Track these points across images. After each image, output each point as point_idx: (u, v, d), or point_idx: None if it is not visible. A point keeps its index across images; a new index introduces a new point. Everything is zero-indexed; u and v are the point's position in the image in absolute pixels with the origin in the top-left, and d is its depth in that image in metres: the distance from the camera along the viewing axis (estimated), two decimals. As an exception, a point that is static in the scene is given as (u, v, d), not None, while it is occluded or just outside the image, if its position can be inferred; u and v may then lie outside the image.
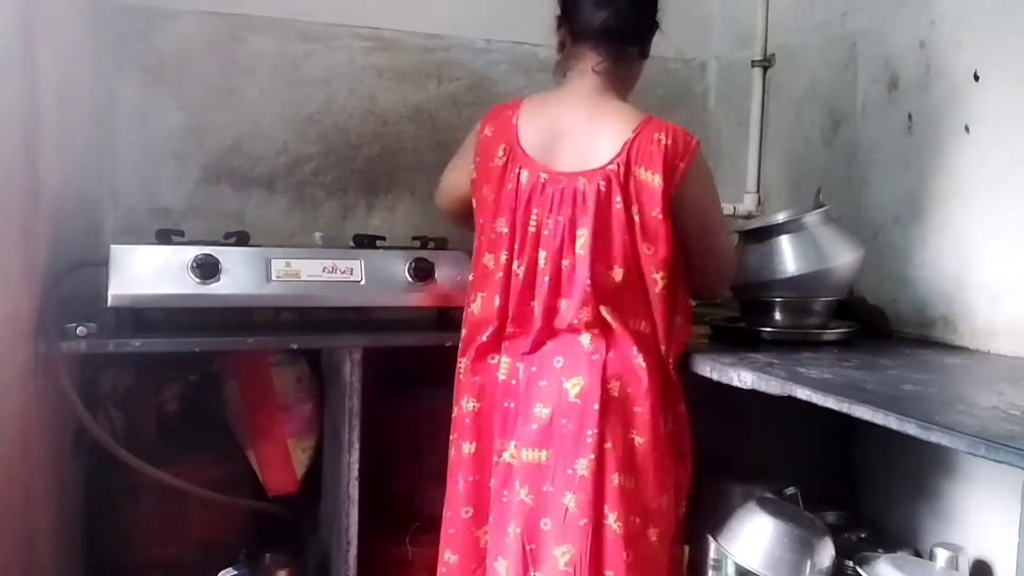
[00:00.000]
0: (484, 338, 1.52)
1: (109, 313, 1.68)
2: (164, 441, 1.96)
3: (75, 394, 1.63)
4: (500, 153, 1.52)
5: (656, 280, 1.46)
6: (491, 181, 1.53)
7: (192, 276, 1.69)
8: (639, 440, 1.43)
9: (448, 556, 1.54)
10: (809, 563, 1.54)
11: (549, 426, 1.43)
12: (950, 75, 1.74)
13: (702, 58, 2.67)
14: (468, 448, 1.52)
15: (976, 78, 1.67)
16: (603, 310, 1.44)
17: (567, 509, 1.39)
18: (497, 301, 1.51)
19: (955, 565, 1.52)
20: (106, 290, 1.64)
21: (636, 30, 1.52)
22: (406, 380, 1.97)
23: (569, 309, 1.45)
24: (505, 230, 1.50)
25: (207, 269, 1.70)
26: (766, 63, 2.27)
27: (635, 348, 1.44)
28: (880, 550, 1.65)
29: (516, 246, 1.49)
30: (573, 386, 1.43)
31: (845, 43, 2.04)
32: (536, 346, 1.48)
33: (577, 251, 1.45)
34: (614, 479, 1.40)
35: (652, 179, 1.44)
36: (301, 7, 2.29)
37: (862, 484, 1.97)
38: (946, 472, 1.71)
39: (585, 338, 1.45)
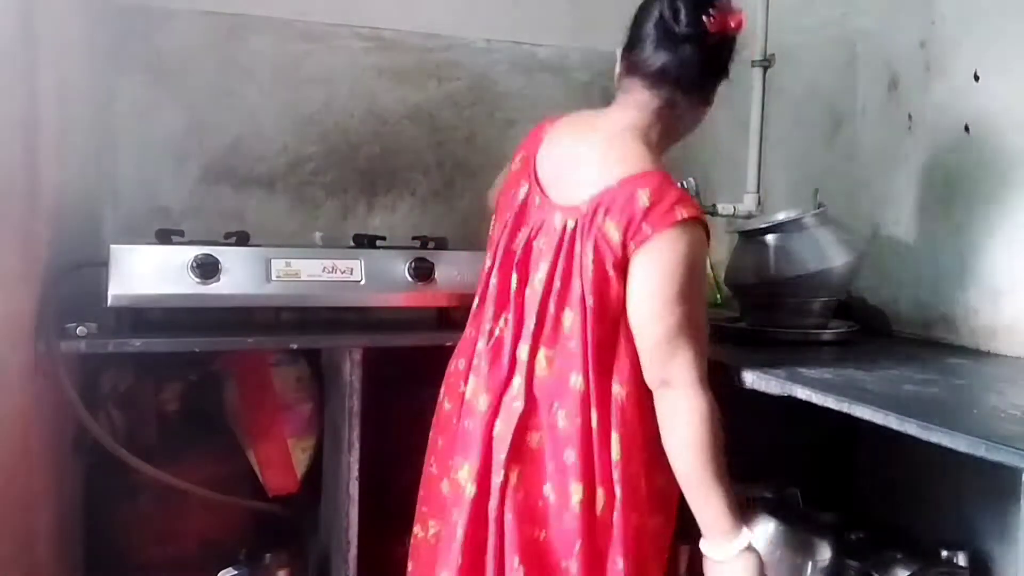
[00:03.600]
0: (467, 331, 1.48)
1: (109, 313, 1.68)
2: (164, 441, 1.96)
3: (75, 394, 1.63)
4: (518, 162, 1.47)
5: (593, 331, 1.31)
6: (507, 187, 1.48)
7: (192, 276, 1.69)
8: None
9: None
10: (810, 563, 1.54)
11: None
12: (950, 75, 1.74)
13: (702, 58, 2.67)
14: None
15: (976, 78, 1.67)
16: (540, 353, 1.34)
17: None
18: (475, 304, 1.48)
19: (955, 565, 1.52)
20: (106, 290, 1.64)
21: (696, 79, 1.38)
22: (406, 380, 1.97)
23: (516, 343, 1.36)
24: (498, 236, 1.45)
25: (207, 269, 1.70)
26: (766, 63, 2.26)
27: (556, 403, 1.32)
28: (880, 550, 1.65)
29: (498, 257, 1.42)
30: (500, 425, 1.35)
31: (845, 43, 2.04)
32: (490, 368, 1.39)
33: (534, 285, 1.36)
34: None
35: (614, 234, 1.29)
36: (301, 7, 2.29)
37: (862, 484, 1.97)
38: (946, 472, 1.71)
39: (516, 381, 1.35)
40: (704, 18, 1.31)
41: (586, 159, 1.38)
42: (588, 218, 1.32)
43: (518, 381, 1.35)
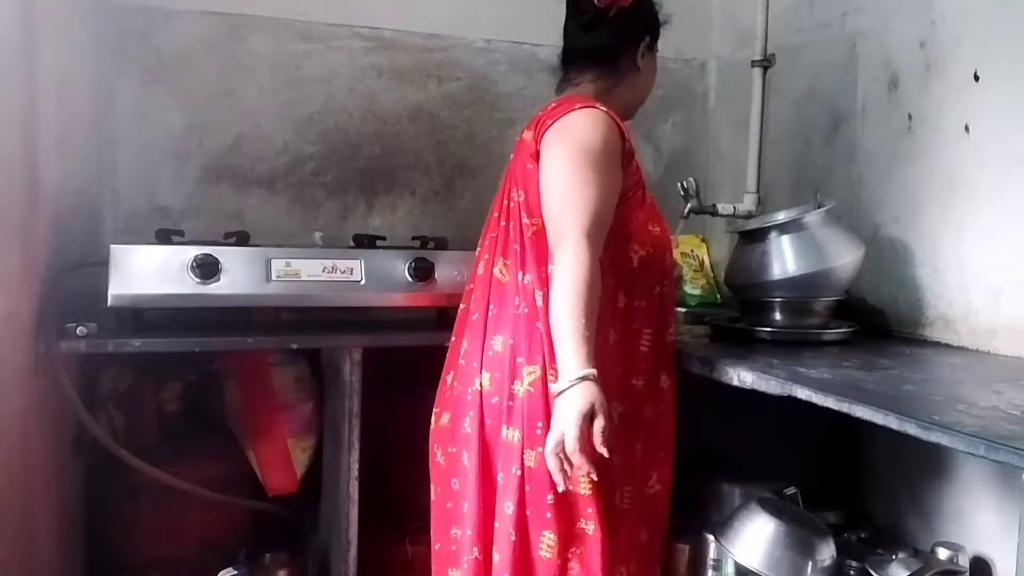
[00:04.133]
0: None
1: (109, 313, 1.68)
2: (164, 441, 1.96)
3: (75, 394, 1.63)
4: None
5: (527, 225, 1.45)
6: None
7: (192, 276, 1.69)
8: (520, 389, 1.40)
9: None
10: (811, 563, 1.54)
11: (448, 389, 1.53)
12: (950, 75, 1.74)
13: (702, 58, 2.67)
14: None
15: (976, 78, 1.67)
16: (496, 266, 1.48)
17: (466, 468, 1.46)
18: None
19: (955, 564, 1.52)
20: (106, 290, 1.64)
21: (613, 51, 1.56)
22: (406, 380, 1.97)
23: (487, 266, 1.52)
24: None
25: (207, 269, 1.70)
26: (766, 63, 2.27)
27: (517, 298, 1.44)
28: (880, 550, 1.65)
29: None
30: (463, 349, 1.51)
31: (845, 43, 2.04)
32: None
33: (493, 214, 1.55)
34: (502, 431, 1.41)
35: (528, 136, 1.49)
36: (301, 7, 2.29)
37: (862, 484, 1.97)
38: (946, 472, 1.71)
39: (471, 299, 1.52)
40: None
41: None
42: (517, 143, 1.53)
43: (477, 294, 1.51)
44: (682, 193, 2.01)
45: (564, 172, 1.38)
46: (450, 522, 1.50)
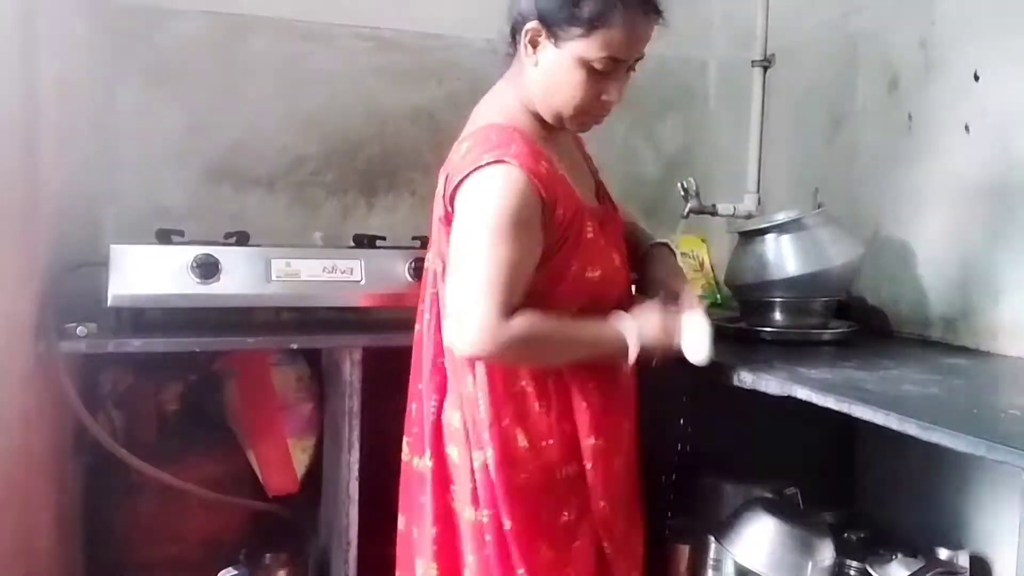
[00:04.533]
0: None
1: (109, 313, 1.68)
2: (164, 441, 1.96)
3: (75, 394, 1.63)
4: None
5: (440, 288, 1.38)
6: None
7: (192, 276, 1.69)
8: (478, 468, 1.36)
9: None
10: (811, 563, 1.55)
11: (411, 423, 1.50)
12: (950, 75, 1.74)
13: (702, 58, 2.67)
14: None
15: (976, 78, 1.67)
16: (428, 312, 1.43)
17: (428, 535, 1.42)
18: None
19: (955, 564, 1.52)
20: (106, 290, 1.64)
21: (509, 30, 1.43)
22: (406, 380, 1.97)
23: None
24: None
25: (207, 269, 1.70)
26: (766, 63, 2.26)
27: (469, 376, 1.36)
28: (880, 550, 1.65)
29: None
30: (420, 410, 1.47)
31: (845, 43, 2.04)
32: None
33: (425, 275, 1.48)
34: (466, 511, 1.37)
35: (441, 190, 1.36)
36: (301, 7, 2.29)
37: (862, 484, 1.97)
38: (946, 472, 1.71)
39: (425, 362, 1.45)
40: None
41: None
42: (439, 186, 1.38)
43: (426, 359, 1.44)
44: (682, 193, 2.01)
45: (471, 264, 1.25)
46: (409, 568, 1.48)
